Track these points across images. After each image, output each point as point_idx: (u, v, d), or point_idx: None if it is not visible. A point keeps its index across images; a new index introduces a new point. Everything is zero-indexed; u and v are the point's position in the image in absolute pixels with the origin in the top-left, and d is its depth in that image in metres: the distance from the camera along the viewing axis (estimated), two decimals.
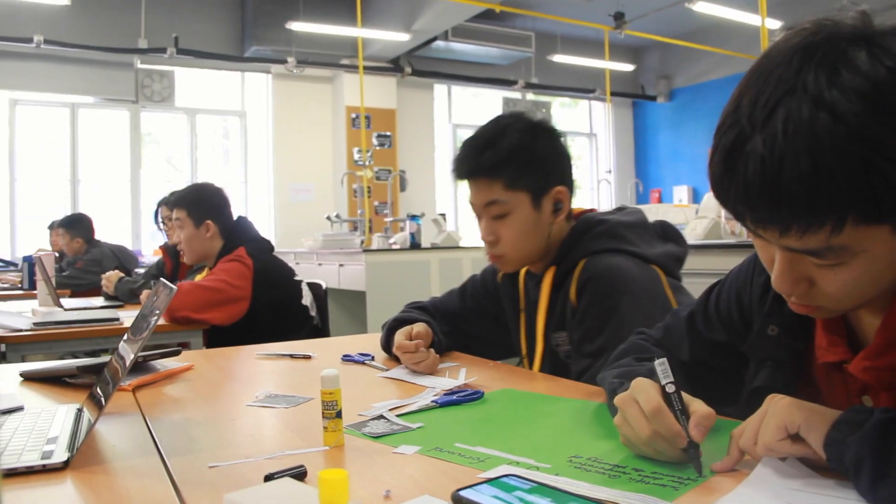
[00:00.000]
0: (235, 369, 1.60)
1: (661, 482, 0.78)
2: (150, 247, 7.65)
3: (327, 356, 1.65)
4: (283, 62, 8.03)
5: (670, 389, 0.84)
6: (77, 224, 5.00)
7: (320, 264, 6.14)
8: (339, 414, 0.92)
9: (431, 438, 0.96)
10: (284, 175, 8.63)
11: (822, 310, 0.81)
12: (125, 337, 1.06)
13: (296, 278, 2.76)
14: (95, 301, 3.46)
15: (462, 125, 10.29)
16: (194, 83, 8.41)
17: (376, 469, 0.84)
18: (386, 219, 7.42)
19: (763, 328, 0.97)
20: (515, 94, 10.45)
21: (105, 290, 3.42)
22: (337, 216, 7.03)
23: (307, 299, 2.72)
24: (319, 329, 2.78)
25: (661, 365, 0.86)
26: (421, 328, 1.51)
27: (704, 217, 3.62)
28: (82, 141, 7.87)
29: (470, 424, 1.04)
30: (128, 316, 2.62)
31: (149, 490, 0.79)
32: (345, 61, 8.51)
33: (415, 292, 5.47)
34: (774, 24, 6.59)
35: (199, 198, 2.75)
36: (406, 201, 8.67)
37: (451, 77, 9.55)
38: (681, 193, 10.54)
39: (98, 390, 1.06)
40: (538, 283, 1.54)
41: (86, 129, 7.90)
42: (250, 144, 8.79)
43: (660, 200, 10.69)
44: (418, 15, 7.78)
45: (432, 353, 1.43)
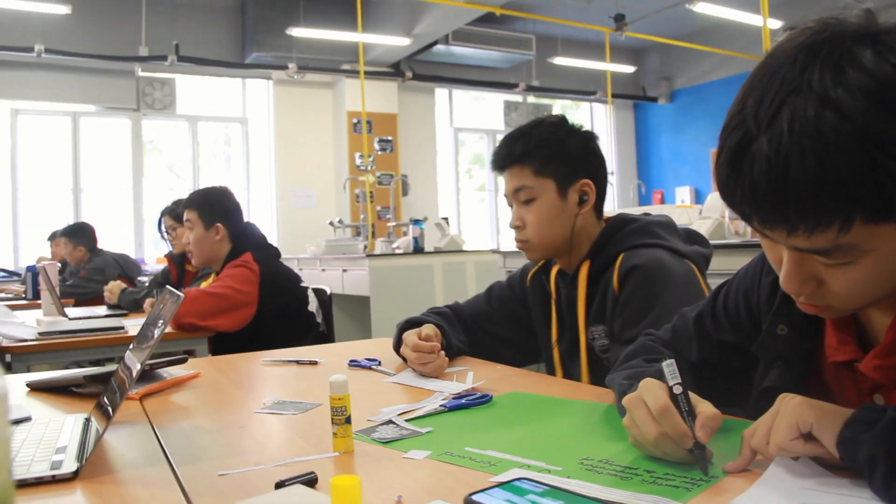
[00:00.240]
0: (242, 376, 1.60)
1: (674, 483, 0.77)
2: (153, 255, 7.66)
3: (334, 362, 1.65)
4: (284, 68, 8.05)
5: (678, 390, 0.84)
6: (79, 233, 5.00)
7: (324, 270, 6.14)
8: (349, 420, 0.92)
9: (441, 443, 0.95)
10: (286, 181, 8.64)
11: (832, 309, 0.81)
12: (131, 346, 1.06)
13: (302, 285, 2.76)
14: (99, 310, 3.46)
15: (463, 129, 10.30)
16: (195, 90, 8.43)
17: (387, 475, 0.84)
18: (389, 223, 7.43)
19: (772, 328, 0.96)
20: (516, 97, 10.46)
21: (107, 301, 3.42)
22: (340, 221, 7.03)
23: (313, 306, 2.72)
24: (325, 335, 2.78)
25: (669, 366, 0.85)
26: (430, 330, 1.52)
27: (708, 217, 3.62)
28: (84, 150, 7.89)
29: (479, 428, 1.03)
30: (132, 324, 2.62)
31: (159, 499, 0.79)
32: (346, 66, 8.53)
33: (419, 297, 5.47)
34: (776, 24, 6.59)
35: (211, 200, 2.75)
36: (408, 206, 8.68)
37: (452, 81, 9.56)
38: (683, 194, 10.53)
39: (105, 400, 1.06)
40: (571, 281, 1.59)
41: (87, 138, 7.92)
42: (252, 151, 8.80)
43: (662, 202, 10.68)
44: (419, 19, 7.79)
45: (441, 356, 1.44)
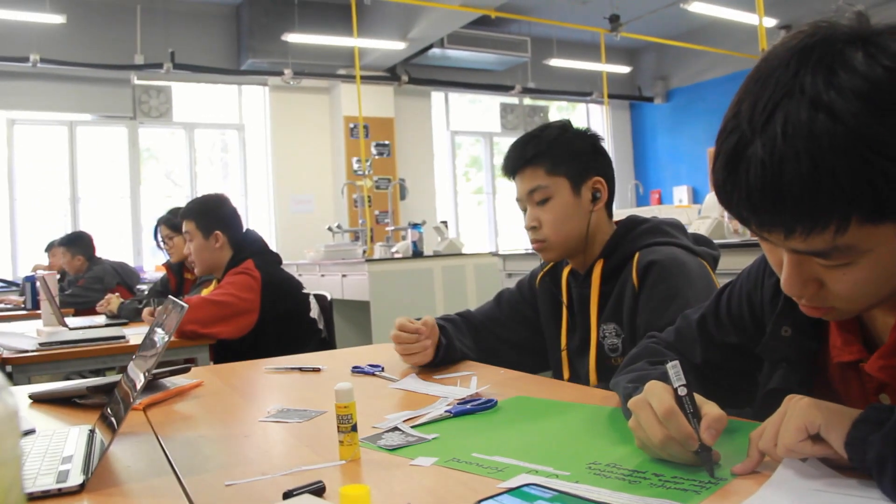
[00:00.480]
0: (245, 385, 1.60)
1: (682, 486, 0.77)
2: (152, 263, 7.66)
3: (336, 368, 1.65)
4: (280, 74, 8.05)
5: (682, 392, 0.84)
6: (77, 242, 5.00)
7: (323, 275, 6.14)
8: (355, 427, 0.92)
9: (448, 449, 0.95)
10: (284, 187, 8.63)
11: (835, 311, 0.81)
12: (134, 357, 1.06)
13: (304, 291, 2.76)
14: (99, 319, 3.45)
15: (460, 132, 10.30)
16: (191, 97, 8.42)
17: (394, 482, 0.84)
18: (387, 228, 7.43)
19: (776, 329, 0.96)
20: (512, 100, 10.47)
21: (106, 312, 3.39)
22: (338, 227, 7.03)
23: (315, 312, 2.72)
24: (326, 341, 2.77)
25: (674, 367, 0.85)
26: (428, 318, 1.56)
27: (707, 217, 3.61)
28: (81, 158, 7.87)
29: (485, 433, 1.03)
30: (133, 333, 2.62)
31: None
32: (341, 71, 8.53)
33: (419, 300, 5.47)
34: (771, 23, 6.59)
35: (207, 209, 2.75)
36: (406, 210, 8.68)
37: (448, 84, 9.56)
38: (681, 194, 10.54)
39: (109, 411, 1.06)
40: (584, 280, 1.61)
41: (84, 147, 7.91)
42: (249, 157, 8.80)
43: (660, 202, 10.69)
44: (414, 23, 7.79)
45: (426, 349, 1.50)
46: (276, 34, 7.73)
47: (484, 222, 10.45)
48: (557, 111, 11.28)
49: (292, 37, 7.52)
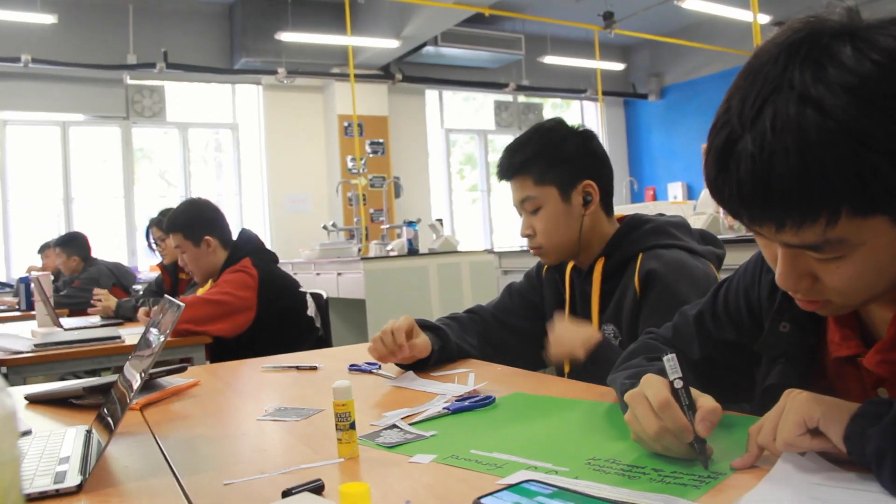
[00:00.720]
0: (242, 383, 1.60)
1: (682, 481, 0.77)
2: (146, 263, 7.63)
3: (333, 367, 1.64)
4: (274, 73, 8.03)
5: (678, 385, 0.84)
6: (73, 243, 4.98)
7: (318, 274, 6.14)
8: (353, 425, 0.92)
9: (447, 446, 0.95)
10: (279, 186, 8.61)
11: (831, 305, 0.81)
12: (130, 357, 1.05)
13: (300, 289, 2.75)
14: (94, 319, 3.44)
15: (454, 130, 10.30)
16: (185, 97, 8.39)
17: (393, 480, 0.84)
18: (382, 226, 7.42)
19: (774, 325, 0.97)
20: (507, 97, 10.46)
21: (101, 313, 3.38)
22: (333, 225, 7.02)
23: (311, 310, 2.71)
24: (323, 339, 2.77)
25: (670, 360, 0.86)
26: (402, 322, 1.49)
27: (703, 213, 3.62)
28: (74, 159, 7.84)
29: (484, 430, 1.03)
30: (128, 333, 2.61)
31: None
32: (335, 70, 8.51)
33: (414, 299, 5.47)
34: (765, 19, 6.61)
35: (191, 218, 2.72)
36: (401, 208, 8.67)
37: (442, 82, 9.55)
38: (675, 190, 10.56)
39: (106, 412, 1.05)
40: (586, 277, 1.61)
41: (77, 147, 7.87)
42: (243, 156, 8.78)
43: (654, 198, 10.70)
44: (407, 21, 7.78)
45: (403, 348, 1.45)
46: (270, 33, 7.70)
47: (479, 220, 10.45)
48: (552, 109, 11.29)
49: (286, 35, 7.50)
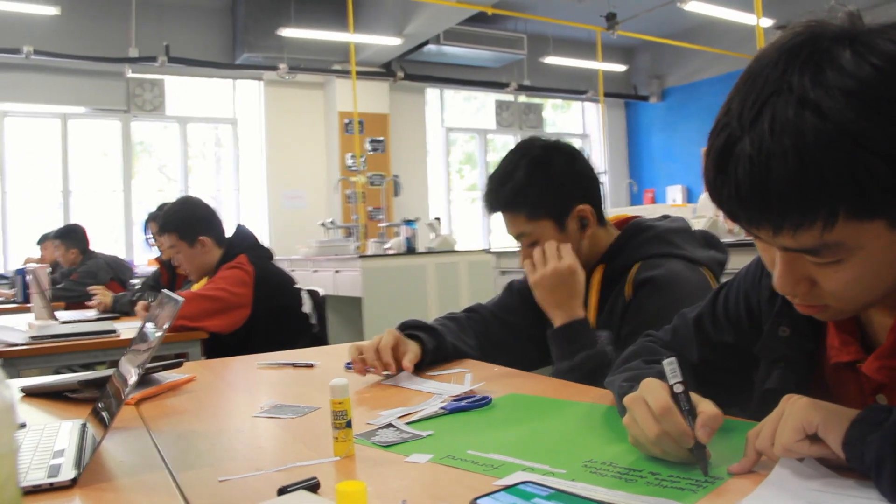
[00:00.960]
0: (238, 380, 1.59)
1: (679, 485, 0.77)
2: (144, 257, 7.62)
3: (329, 364, 1.64)
4: (275, 69, 8.01)
5: (678, 389, 0.84)
6: (72, 235, 4.98)
7: (315, 271, 6.13)
8: (349, 424, 0.91)
9: (443, 446, 0.95)
10: (277, 182, 8.60)
11: (829, 310, 0.81)
12: (126, 352, 1.05)
13: (295, 286, 2.75)
14: (90, 313, 3.43)
15: (455, 129, 10.30)
16: (185, 91, 8.38)
17: (390, 479, 0.83)
18: (380, 224, 7.42)
19: (774, 329, 0.96)
20: (508, 97, 10.46)
21: (98, 308, 3.36)
22: (331, 222, 7.02)
23: (308, 307, 2.71)
24: (319, 336, 2.77)
25: (670, 364, 0.85)
26: (387, 338, 1.44)
27: (703, 216, 3.62)
28: (73, 152, 7.83)
29: (481, 431, 1.03)
30: (124, 327, 2.60)
31: None
32: (336, 67, 8.50)
33: (412, 297, 5.47)
34: (768, 23, 6.61)
35: (184, 217, 2.72)
36: (400, 206, 8.66)
37: (443, 81, 9.55)
38: (674, 193, 10.56)
39: (101, 406, 1.05)
40: (586, 283, 1.57)
41: (77, 140, 7.86)
42: (242, 152, 8.77)
43: (654, 201, 10.71)
44: (410, 19, 7.78)
45: (390, 366, 1.39)
46: (272, 29, 7.69)
47: (477, 219, 10.45)
48: (553, 109, 11.29)
49: (287, 31, 7.49)
